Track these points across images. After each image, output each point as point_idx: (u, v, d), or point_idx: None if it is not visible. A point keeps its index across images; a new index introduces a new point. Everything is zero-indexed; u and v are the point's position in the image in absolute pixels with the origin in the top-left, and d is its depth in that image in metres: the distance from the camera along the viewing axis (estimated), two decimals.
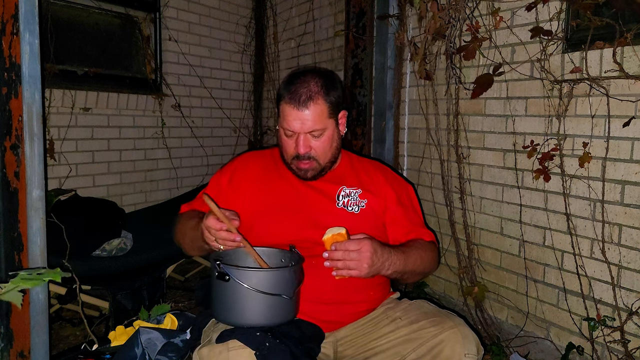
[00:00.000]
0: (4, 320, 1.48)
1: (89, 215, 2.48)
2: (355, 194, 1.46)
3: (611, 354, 1.74)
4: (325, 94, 1.37)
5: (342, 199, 1.45)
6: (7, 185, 1.46)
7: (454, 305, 2.40)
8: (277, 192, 1.45)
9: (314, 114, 1.35)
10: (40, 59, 1.50)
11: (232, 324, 1.19)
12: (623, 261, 1.71)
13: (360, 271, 1.20)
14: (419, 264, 1.39)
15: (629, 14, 1.65)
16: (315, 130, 1.36)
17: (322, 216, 1.41)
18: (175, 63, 3.63)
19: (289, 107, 1.35)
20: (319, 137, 1.38)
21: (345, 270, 1.21)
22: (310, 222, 1.40)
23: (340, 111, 1.45)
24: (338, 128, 1.45)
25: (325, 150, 1.41)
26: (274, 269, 1.25)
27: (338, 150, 1.47)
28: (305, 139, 1.37)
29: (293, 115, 1.35)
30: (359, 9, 2.82)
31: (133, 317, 2.03)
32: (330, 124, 1.40)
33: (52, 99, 2.91)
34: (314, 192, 1.45)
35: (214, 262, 1.17)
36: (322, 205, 1.43)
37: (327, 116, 1.38)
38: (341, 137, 1.48)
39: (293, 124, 1.36)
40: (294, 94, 1.35)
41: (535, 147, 1.95)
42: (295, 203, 1.43)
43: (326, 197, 1.44)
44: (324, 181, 1.46)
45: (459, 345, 1.20)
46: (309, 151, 1.38)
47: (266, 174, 1.49)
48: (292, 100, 1.35)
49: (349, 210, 1.44)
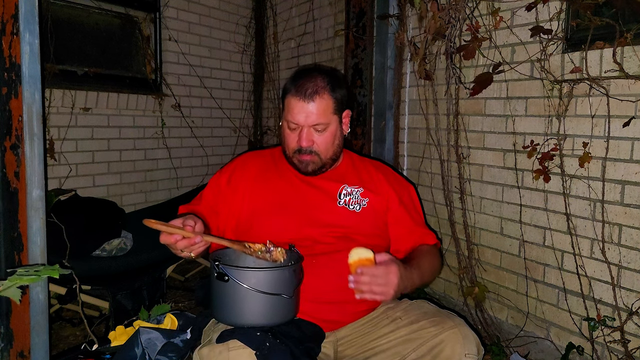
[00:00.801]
0: (4, 320, 1.48)
1: (89, 215, 2.48)
2: (357, 192, 1.46)
3: (611, 354, 1.74)
4: (332, 90, 1.38)
5: (344, 198, 1.45)
6: (7, 185, 1.46)
7: (454, 305, 2.40)
8: (277, 191, 1.45)
9: (319, 107, 1.36)
10: (40, 59, 1.50)
11: (232, 324, 1.18)
12: (623, 261, 1.71)
13: (386, 297, 1.18)
14: (430, 274, 1.41)
15: (629, 14, 1.65)
16: (319, 124, 1.37)
17: (323, 214, 1.41)
18: (175, 63, 3.63)
19: (294, 100, 1.36)
20: (322, 132, 1.39)
21: (370, 294, 1.18)
22: (311, 220, 1.40)
23: (345, 110, 1.46)
24: (341, 126, 1.46)
25: (327, 146, 1.41)
26: (273, 268, 1.24)
27: (340, 148, 1.48)
28: (309, 133, 1.38)
29: (298, 108, 1.36)
30: (359, 9, 2.82)
31: (133, 317, 2.03)
32: (334, 120, 1.41)
33: (52, 99, 2.91)
34: (315, 190, 1.45)
35: (213, 262, 1.17)
36: (323, 203, 1.43)
37: (331, 112, 1.39)
38: (344, 136, 1.48)
39: (297, 117, 1.36)
40: (301, 87, 1.36)
41: (535, 147, 1.95)
42: (295, 201, 1.43)
43: (327, 196, 1.44)
44: (325, 179, 1.46)
45: (459, 345, 1.20)
46: (311, 145, 1.38)
47: (266, 173, 1.49)
48: (298, 92, 1.36)
49: (350, 208, 1.44)
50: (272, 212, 1.42)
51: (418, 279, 1.31)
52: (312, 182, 1.46)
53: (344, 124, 1.47)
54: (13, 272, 0.83)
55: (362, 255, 1.19)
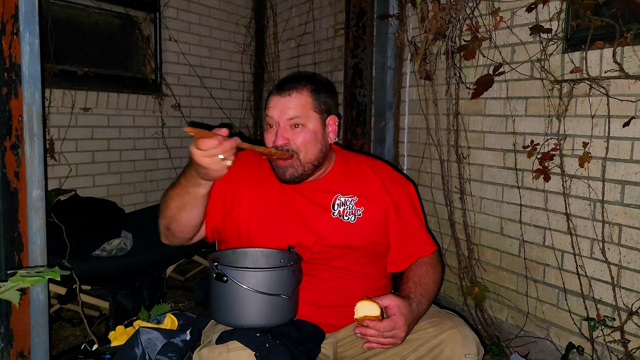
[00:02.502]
0: (4, 320, 1.48)
1: (89, 215, 2.48)
2: (351, 202, 1.38)
3: (611, 354, 1.74)
4: (313, 90, 1.33)
5: (338, 208, 1.37)
6: (7, 185, 1.46)
7: (454, 305, 2.40)
8: (272, 200, 1.38)
9: (295, 101, 1.30)
10: (40, 59, 1.50)
11: (232, 324, 1.18)
12: (623, 261, 1.71)
13: (395, 345, 1.21)
14: (434, 289, 1.37)
15: (629, 14, 1.65)
16: (295, 117, 1.29)
17: (316, 227, 1.35)
18: (175, 63, 3.63)
19: (273, 97, 1.33)
20: (301, 130, 1.30)
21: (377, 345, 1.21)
22: (305, 231, 1.34)
23: (330, 115, 1.38)
24: (325, 130, 1.37)
25: (307, 146, 1.30)
26: (272, 269, 1.24)
27: (323, 155, 1.36)
28: (284, 128, 1.29)
29: (274, 102, 1.32)
30: (359, 9, 2.82)
31: (133, 317, 2.03)
32: (315, 119, 1.32)
33: (52, 99, 2.91)
34: (307, 201, 1.37)
35: (212, 263, 1.17)
36: (316, 215, 1.36)
37: (311, 108, 1.32)
38: (329, 143, 1.39)
39: (272, 110, 1.31)
40: (281, 84, 1.34)
41: (535, 147, 1.95)
42: (289, 212, 1.36)
43: (321, 207, 1.37)
44: (317, 189, 1.39)
45: (459, 345, 1.20)
46: (287, 142, 1.29)
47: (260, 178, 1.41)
48: (276, 89, 1.33)
49: (345, 219, 1.36)
50: (268, 221, 1.36)
51: (423, 308, 1.29)
52: (304, 193, 1.37)
53: (329, 130, 1.38)
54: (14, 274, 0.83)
55: (367, 311, 1.18)
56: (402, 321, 1.19)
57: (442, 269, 1.46)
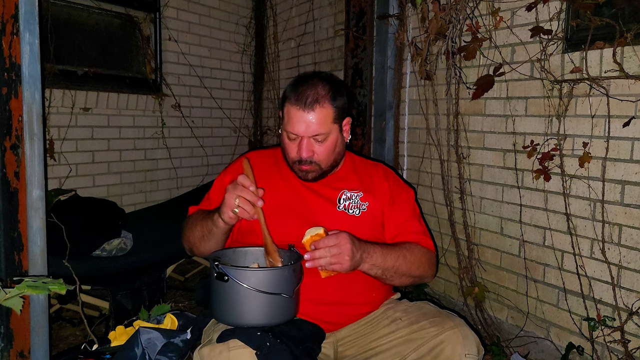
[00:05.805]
0: (4, 320, 1.48)
1: (89, 215, 2.47)
2: (357, 197, 1.45)
3: (611, 354, 1.74)
4: (332, 99, 1.35)
5: (343, 202, 1.43)
6: (7, 185, 1.46)
7: (454, 305, 2.40)
8: (279, 194, 1.43)
9: (319, 117, 1.33)
10: (40, 59, 1.50)
11: (232, 324, 1.18)
12: (623, 261, 1.71)
13: (342, 264, 1.20)
14: (402, 262, 1.34)
15: (629, 14, 1.65)
16: (319, 134, 1.34)
17: (322, 219, 1.39)
18: (175, 63, 3.63)
19: (294, 109, 1.33)
20: (323, 142, 1.36)
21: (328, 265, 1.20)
22: (311, 224, 1.38)
23: (345, 118, 1.43)
24: (342, 134, 1.43)
25: (328, 156, 1.39)
26: (273, 268, 1.25)
27: (340, 155, 1.46)
28: (309, 143, 1.35)
29: (297, 117, 1.33)
30: (359, 9, 2.82)
31: (133, 317, 2.03)
32: (334, 129, 1.38)
33: (52, 99, 2.91)
34: (315, 195, 1.44)
35: (213, 262, 1.17)
36: (322, 208, 1.42)
37: (332, 121, 1.36)
38: (345, 143, 1.46)
39: (297, 127, 1.34)
40: (301, 95, 1.33)
41: (535, 147, 1.95)
42: (296, 205, 1.42)
43: (327, 200, 1.43)
44: (325, 185, 1.45)
45: (459, 345, 1.20)
46: (311, 156, 1.36)
47: (268, 174, 1.47)
48: (298, 101, 1.33)
49: (350, 213, 1.42)
50: (274, 215, 1.40)
51: (378, 256, 1.28)
52: (312, 187, 1.44)
53: (344, 131, 1.44)
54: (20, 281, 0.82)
55: (313, 232, 1.22)
56: (345, 239, 1.20)
57: (426, 263, 1.42)
